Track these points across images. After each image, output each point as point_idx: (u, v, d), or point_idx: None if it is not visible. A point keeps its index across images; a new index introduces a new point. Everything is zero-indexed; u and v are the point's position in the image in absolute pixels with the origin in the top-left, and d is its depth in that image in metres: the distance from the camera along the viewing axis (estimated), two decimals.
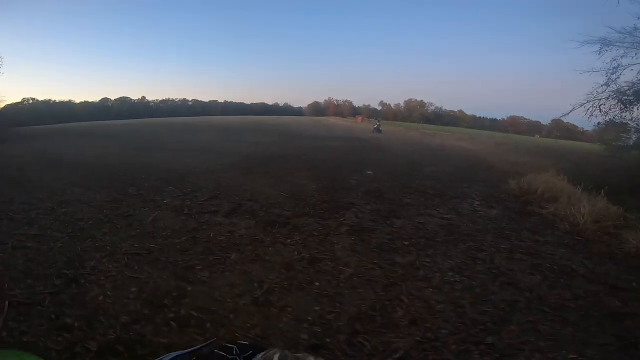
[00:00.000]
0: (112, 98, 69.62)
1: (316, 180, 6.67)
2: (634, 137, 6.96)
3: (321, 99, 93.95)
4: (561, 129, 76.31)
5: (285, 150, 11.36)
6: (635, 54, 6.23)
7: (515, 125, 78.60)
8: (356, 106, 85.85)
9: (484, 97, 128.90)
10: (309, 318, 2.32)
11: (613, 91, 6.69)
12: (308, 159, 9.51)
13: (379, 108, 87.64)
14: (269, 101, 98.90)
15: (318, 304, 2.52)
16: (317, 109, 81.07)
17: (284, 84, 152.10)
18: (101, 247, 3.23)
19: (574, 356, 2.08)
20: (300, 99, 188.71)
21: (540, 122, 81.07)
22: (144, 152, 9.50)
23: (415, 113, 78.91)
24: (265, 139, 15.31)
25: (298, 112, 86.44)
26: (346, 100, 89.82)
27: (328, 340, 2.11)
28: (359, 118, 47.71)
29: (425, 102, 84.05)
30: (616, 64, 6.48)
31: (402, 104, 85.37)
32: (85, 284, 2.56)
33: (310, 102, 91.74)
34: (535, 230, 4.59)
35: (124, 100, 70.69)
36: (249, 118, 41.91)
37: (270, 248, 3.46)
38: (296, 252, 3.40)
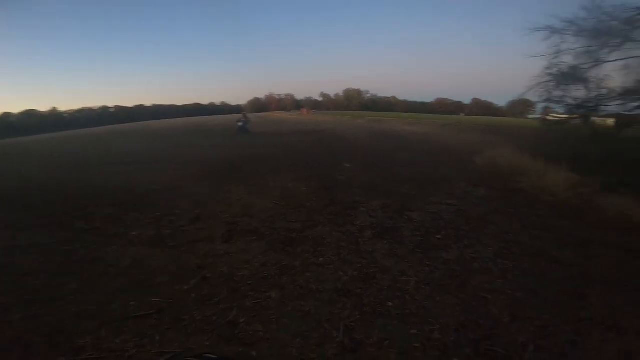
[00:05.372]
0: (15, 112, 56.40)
1: (302, 181, 6.15)
2: (566, 111, 7.82)
3: (261, 94, 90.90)
4: (481, 106, 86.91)
5: (247, 151, 10.43)
6: (576, 41, 6.88)
7: (442, 106, 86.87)
8: (298, 99, 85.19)
9: (412, 83, 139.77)
10: (417, 345, 2.01)
11: (553, 73, 7.41)
12: (278, 158, 8.87)
13: (320, 99, 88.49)
14: (204, 101, 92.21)
15: (412, 326, 2.20)
16: (258, 106, 77.98)
17: (218, 82, 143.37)
18: (82, 312, 2.33)
19: None
20: (238, 97, 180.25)
21: (462, 102, 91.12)
22: (79, 171, 7.70)
23: (354, 102, 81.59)
24: (218, 141, 13.95)
25: (237, 110, 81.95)
26: (288, 95, 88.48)
27: None
28: (304, 111, 47.37)
29: (362, 90, 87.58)
30: (557, 50, 7.13)
31: (341, 94, 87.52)
32: None
33: (249, 99, 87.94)
34: (531, 205, 4.87)
35: (30, 114, 57.75)
36: (188, 120, 38.19)
37: (308, 274, 2.91)
38: (341, 272, 2.93)
